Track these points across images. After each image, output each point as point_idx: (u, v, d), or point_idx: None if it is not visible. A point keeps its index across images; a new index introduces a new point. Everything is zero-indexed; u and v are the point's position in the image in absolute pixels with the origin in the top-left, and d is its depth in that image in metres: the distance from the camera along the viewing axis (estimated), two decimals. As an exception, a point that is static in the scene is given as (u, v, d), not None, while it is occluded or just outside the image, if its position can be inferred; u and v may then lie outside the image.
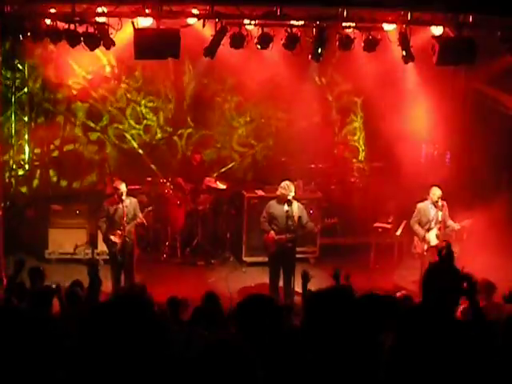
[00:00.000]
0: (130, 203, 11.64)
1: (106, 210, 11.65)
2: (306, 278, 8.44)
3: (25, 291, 8.37)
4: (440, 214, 12.21)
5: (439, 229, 12.25)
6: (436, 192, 12.14)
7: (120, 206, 11.52)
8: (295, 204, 11.74)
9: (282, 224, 11.67)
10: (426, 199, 12.27)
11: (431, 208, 12.24)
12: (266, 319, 4.51)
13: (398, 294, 9.20)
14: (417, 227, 12.33)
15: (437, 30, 11.72)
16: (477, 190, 14.21)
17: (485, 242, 12.32)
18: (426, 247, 12.25)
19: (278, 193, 11.72)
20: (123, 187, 11.50)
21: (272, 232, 11.75)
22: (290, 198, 11.59)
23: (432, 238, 12.24)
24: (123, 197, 11.49)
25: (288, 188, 11.59)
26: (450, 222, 12.31)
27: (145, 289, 9.01)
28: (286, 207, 11.61)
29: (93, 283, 7.49)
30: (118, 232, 11.59)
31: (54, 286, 8.16)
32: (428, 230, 12.26)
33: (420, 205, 12.34)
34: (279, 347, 4.39)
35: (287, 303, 10.80)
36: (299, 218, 11.70)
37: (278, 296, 11.59)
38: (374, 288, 12.50)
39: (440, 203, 12.18)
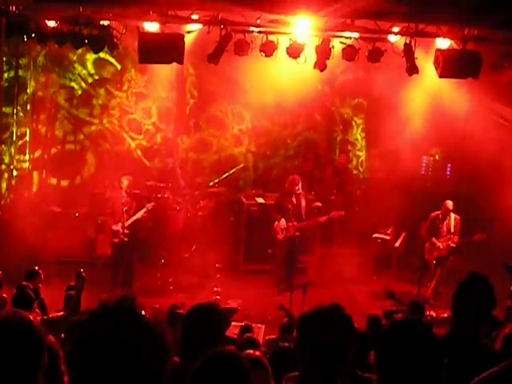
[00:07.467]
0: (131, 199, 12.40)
1: (111, 204, 12.36)
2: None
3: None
4: (451, 225, 12.66)
5: (449, 239, 12.66)
6: (448, 204, 12.63)
7: (123, 199, 12.18)
8: (303, 196, 12.77)
9: (291, 213, 12.45)
10: (440, 209, 12.74)
11: (443, 219, 12.69)
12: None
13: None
14: (429, 236, 12.78)
15: (443, 43, 11.67)
16: (479, 203, 14.22)
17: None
18: (436, 255, 12.73)
19: (286, 186, 12.74)
20: (125, 183, 12.23)
21: (282, 220, 12.51)
22: (298, 191, 12.63)
23: (441, 247, 12.71)
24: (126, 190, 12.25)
25: (293, 182, 12.64)
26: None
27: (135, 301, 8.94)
28: (294, 199, 12.65)
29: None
30: (121, 223, 12.13)
31: None
32: (438, 238, 12.72)
33: (432, 214, 12.80)
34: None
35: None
36: (305, 208, 12.78)
37: (282, 285, 12.55)
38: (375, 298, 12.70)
39: (452, 216, 12.64)
